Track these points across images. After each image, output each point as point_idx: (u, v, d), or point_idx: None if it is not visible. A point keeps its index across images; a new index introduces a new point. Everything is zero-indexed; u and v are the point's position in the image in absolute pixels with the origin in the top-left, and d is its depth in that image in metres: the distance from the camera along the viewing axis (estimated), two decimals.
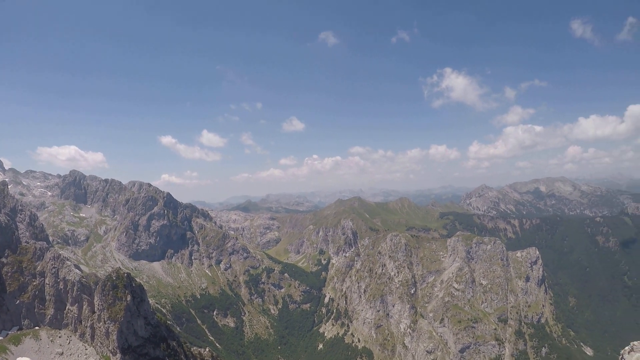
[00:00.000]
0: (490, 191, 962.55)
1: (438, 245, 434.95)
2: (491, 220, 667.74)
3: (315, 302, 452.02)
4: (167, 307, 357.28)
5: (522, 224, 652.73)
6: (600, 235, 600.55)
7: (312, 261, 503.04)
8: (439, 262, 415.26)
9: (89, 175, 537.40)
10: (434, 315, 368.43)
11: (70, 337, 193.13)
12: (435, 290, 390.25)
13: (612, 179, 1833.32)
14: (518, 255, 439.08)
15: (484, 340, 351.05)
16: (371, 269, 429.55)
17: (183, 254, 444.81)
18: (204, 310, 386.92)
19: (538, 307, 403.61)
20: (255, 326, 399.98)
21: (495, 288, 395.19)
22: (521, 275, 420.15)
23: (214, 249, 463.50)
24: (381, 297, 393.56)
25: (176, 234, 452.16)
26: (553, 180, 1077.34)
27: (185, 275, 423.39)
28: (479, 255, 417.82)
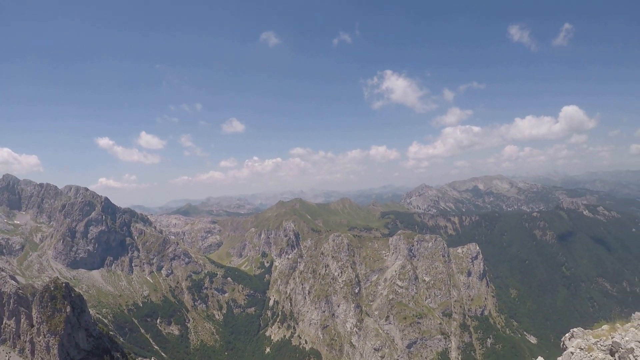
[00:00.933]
0: (430, 190, 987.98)
1: (380, 244, 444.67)
2: (432, 218, 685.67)
3: (260, 305, 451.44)
4: (109, 317, 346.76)
5: (462, 221, 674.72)
6: (537, 230, 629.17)
7: (255, 264, 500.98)
8: (382, 260, 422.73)
9: (23, 179, 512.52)
10: (380, 313, 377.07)
11: (9, 353, 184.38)
12: (379, 288, 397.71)
13: (548, 176, 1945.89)
14: (459, 251, 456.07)
15: (430, 335, 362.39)
16: (314, 270, 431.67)
17: (123, 260, 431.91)
18: (147, 319, 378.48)
19: (481, 300, 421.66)
20: (200, 333, 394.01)
21: (438, 284, 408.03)
22: (463, 270, 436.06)
23: (154, 255, 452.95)
24: (326, 298, 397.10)
25: (115, 240, 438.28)
26: (491, 178, 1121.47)
27: (126, 283, 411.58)
28: (420, 253, 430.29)
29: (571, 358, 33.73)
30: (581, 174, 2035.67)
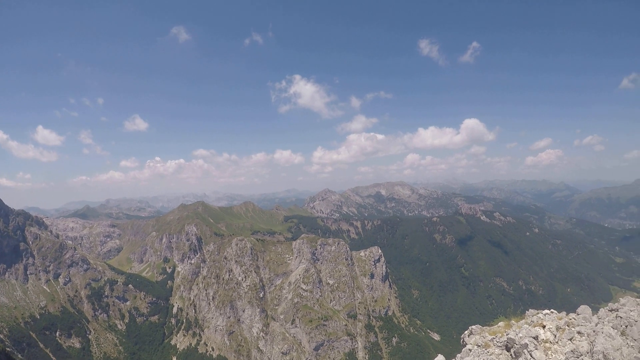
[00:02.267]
0: (334, 195, 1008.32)
1: (284, 248, 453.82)
2: (335, 222, 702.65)
3: (164, 313, 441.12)
4: (5, 331, 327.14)
5: (365, 225, 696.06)
6: (437, 234, 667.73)
7: (156, 270, 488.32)
8: (286, 264, 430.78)
9: None
10: (285, 317, 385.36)
11: None
12: (284, 292, 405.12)
13: (448, 183, 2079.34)
14: (362, 255, 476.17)
15: (337, 336, 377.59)
16: (218, 274, 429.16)
17: (17, 268, 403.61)
18: (46, 332, 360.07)
19: (384, 301, 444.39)
20: (103, 345, 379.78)
21: (342, 286, 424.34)
22: (366, 272, 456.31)
23: (51, 262, 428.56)
24: (231, 303, 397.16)
25: (8, 245, 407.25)
26: (393, 184, 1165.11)
27: (22, 293, 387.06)
28: (324, 256, 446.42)
29: (469, 354, 35.44)
30: (479, 182, 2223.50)
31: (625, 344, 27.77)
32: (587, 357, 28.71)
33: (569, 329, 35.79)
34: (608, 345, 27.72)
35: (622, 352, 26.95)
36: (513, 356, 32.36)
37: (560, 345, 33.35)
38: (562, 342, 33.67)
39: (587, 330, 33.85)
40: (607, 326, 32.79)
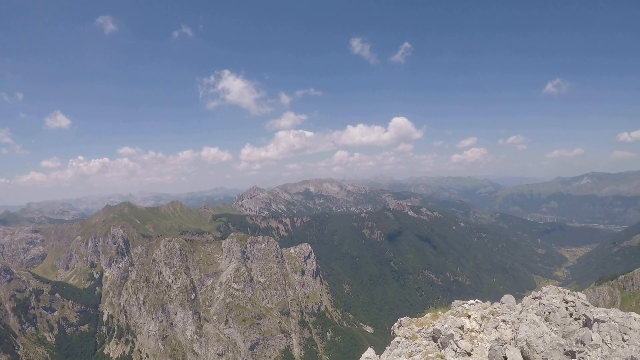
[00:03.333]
0: (262, 192, 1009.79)
1: (213, 247, 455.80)
2: (264, 220, 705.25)
3: (94, 321, 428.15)
4: None
5: (294, 222, 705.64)
6: (366, 229, 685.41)
7: (83, 276, 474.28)
8: (216, 264, 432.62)
9: None
10: (218, 318, 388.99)
11: None
12: (216, 292, 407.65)
13: (375, 180, 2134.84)
14: (292, 252, 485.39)
15: (271, 334, 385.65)
16: (147, 278, 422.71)
17: None
18: None
19: (316, 297, 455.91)
20: None
21: (273, 284, 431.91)
22: (297, 269, 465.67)
23: None
24: (162, 307, 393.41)
25: None
26: (321, 181, 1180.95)
27: None
28: (254, 255, 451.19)
29: (398, 346, 35.95)
30: (406, 179, 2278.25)
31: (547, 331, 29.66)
32: (511, 345, 29.81)
33: (493, 317, 37.12)
34: (531, 333, 29.33)
35: (545, 339, 28.64)
36: (440, 346, 32.83)
37: (486, 333, 34.45)
38: (487, 331, 34.83)
39: (512, 318, 35.44)
40: (531, 313, 34.75)
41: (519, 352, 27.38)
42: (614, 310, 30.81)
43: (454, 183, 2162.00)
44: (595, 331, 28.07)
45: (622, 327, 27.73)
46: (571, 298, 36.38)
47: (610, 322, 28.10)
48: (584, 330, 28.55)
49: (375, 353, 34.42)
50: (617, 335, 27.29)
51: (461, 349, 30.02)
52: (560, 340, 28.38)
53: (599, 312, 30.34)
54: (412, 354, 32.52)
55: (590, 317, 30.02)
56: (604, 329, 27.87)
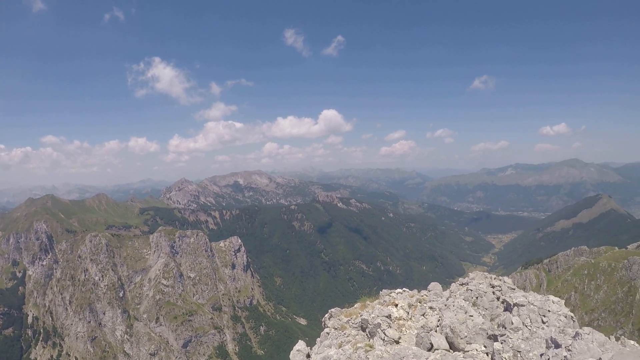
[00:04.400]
0: (190, 185, 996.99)
1: (141, 242, 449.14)
2: (192, 213, 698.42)
3: (19, 324, 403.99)
4: None
5: (223, 215, 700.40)
6: (296, 221, 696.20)
7: (5, 275, 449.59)
8: (144, 260, 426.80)
9: None
10: (149, 316, 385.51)
11: None
12: (145, 289, 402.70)
13: (305, 172, 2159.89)
14: (221, 245, 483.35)
15: (204, 331, 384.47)
16: (73, 276, 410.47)
17: None
18: None
19: (248, 291, 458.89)
20: None
21: (204, 279, 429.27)
22: (227, 263, 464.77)
23: None
24: (89, 306, 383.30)
25: None
26: (251, 173, 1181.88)
27: None
28: (183, 249, 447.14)
29: (328, 337, 36.33)
30: (336, 171, 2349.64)
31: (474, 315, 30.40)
32: (436, 331, 30.67)
33: (421, 305, 38.18)
34: (454, 319, 29.82)
35: (467, 324, 29.06)
36: (368, 336, 33.33)
37: (414, 321, 35.26)
38: (415, 319, 35.67)
39: (439, 305, 36.41)
40: (459, 299, 35.20)
41: (443, 337, 28.57)
42: (533, 294, 32.15)
43: (383, 175, 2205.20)
44: (516, 315, 29.09)
45: (541, 310, 28.95)
46: (497, 283, 37.80)
47: (529, 306, 29.28)
48: (505, 315, 29.79)
49: (306, 345, 35.23)
50: (537, 318, 28.48)
51: (389, 338, 31.03)
52: (483, 324, 29.49)
53: (518, 296, 31.40)
54: (342, 345, 33.12)
55: (510, 302, 30.99)
56: (524, 313, 28.96)
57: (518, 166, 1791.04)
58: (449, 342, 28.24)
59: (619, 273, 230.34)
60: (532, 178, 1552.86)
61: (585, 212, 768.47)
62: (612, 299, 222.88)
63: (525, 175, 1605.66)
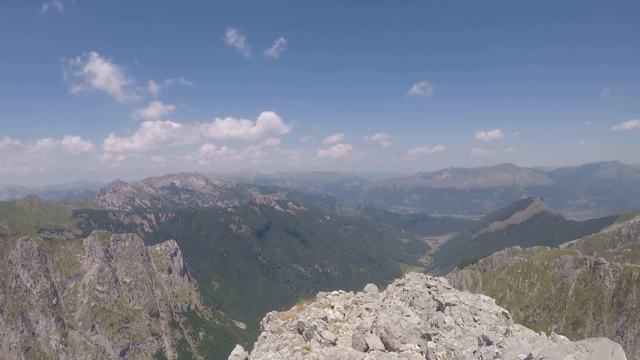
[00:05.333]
0: (125, 186, 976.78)
1: (74, 246, 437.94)
2: (127, 216, 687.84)
3: None
4: None
5: (159, 218, 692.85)
6: (233, 224, 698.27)
7: None
8: (78, 265, 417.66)
9: None
10: (84, 324, 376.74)
11: None
12: (79, 296, 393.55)
13: (242, 174, 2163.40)
14: (157, 249, 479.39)
15: (142, 338, 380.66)
16: (4, 282, 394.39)
17: None
18: None
19: (185, 295, 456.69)
20: None
21: (140, 284, 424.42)
22: (163, 267, 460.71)
23: None
24: (22, 315, 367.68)
25: None
26: (187, 175, 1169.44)
27: None
28: (118, 253, 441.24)
29: (265, 341, 36.94)
30: (273, 173, 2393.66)
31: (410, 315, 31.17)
32: (371, 332, 31.31)
33: (357, 306, 38.68)
34: (388, 320, 30.58)
35: (401, 324, 29.87)
36: (305, 338, 33.90)
37: (350, 322, 35.73)
38: (352, 320, 36.13)
39: (375, 306, 36.95)
40: (396, 299, 36.10)
41: (378, 338, 29.41)
42: (464, 294, 33.40)
43: (320, 178, 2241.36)
44: (448, 314, 29.90)
45: (472, 309, 30.02)
46: (433, 283, 38.83)
47: (461, 305, 30.32)
48: (437, 314, 30.58)
49: (244, 350, 35.62)
50: (469, 317, 29.44)
51: (325, 339, 31.86)
52: (417, 324, 30.17)
53: (450, 296, 32.36)
54: (280, 348, 33.79)
55: (442, 301, 32.05)
56: (456, 312, 29.83)
57: (453, 170, 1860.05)
58: (384, 342, 29.26)
59: (552, 271, 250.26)
60: (467, 182, 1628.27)
61: (518, 214, 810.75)
62: (545, 296, 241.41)
63: (460, 179, 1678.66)
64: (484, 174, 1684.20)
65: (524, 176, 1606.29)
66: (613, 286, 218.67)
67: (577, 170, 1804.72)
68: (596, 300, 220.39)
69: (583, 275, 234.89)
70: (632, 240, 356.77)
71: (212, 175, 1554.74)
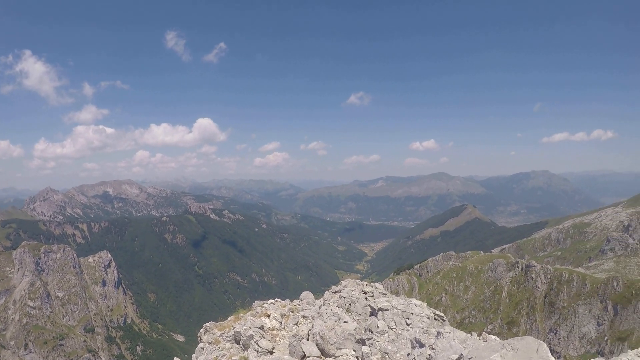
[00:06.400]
0: (56, 194, 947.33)
1: (3, 259, 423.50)
2: (58, 226, 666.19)
3: None
4: None
5: (91, 228, 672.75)
6: (168, 233, 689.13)
7: None
8: (8, 279, 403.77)
9: None
10: (16, 343, 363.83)
11: None
12: (10, 313, 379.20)
13: (177, 182, 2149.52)
14: (90, 261, 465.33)
15: (78, 355, 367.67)
16: None
17: None
18: None
19: (121, 309, 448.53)
20: None
21: (73, 298, 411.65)
22: (97, 280, 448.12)
23: None
24: None
25: None
26: (121, 182, 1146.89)
27: None
28: (49, 266, 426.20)
29: (202, 353, 37.09)
30: (209, 181, 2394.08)
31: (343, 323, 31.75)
32: (308, 339, 31.85)
33: (293, 314, 39.88)
34: (323, 327, 31.08)
35: (336, 330, 30.34)
36: (243, 348, 34.38)
37: (287, 330, 36.46)
38: (289, 328, 36.94)
39: (312, 313, 38.36)
40: (333, 306, 37.66)
41: (314, 345, 30.30)
42: (396, 299, 36.02)
43: (256, 186, 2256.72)
44: (381, 319, 31.46)
45: (404, 313, 31.93)
46: (369, 289, 40.70)
47: (393, 310, 32.17)
48: (371, 319, 31.80)
49: None
50: (401, 321, 31.17)
51: (262, 348, 32.32)
52: (353, 330, 30.65)
53: (382, 301, 34.26)
54: (217, 359, 34.48)
55: (375, 307, 33.91)
56: (389, 316, 31.60)
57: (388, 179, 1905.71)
58: (319, 348, 30.16)
59: (485, 274, 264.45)
60: (402, 190, 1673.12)
61: (452, 221, 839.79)
62: (480, 298, 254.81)
63: (395, 187, 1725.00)
64: (418, 182, 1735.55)
65: (457, 184, 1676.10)
66: (544, 287, 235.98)
67: (509, 179, 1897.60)
68: (529, 301, 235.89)
69: (516, 278, 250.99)
70: (562, 244, 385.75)
71: (146, 183, 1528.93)
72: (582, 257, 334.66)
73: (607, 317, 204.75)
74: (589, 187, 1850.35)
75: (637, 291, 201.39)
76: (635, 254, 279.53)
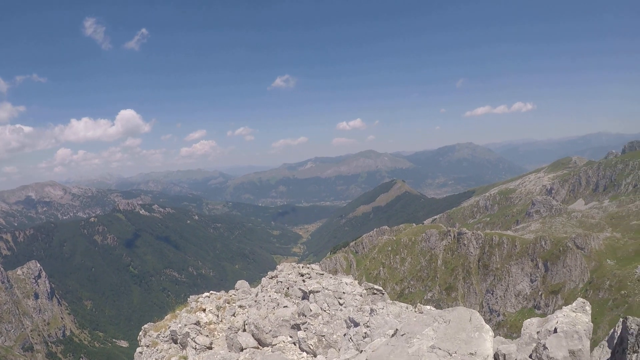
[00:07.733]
0: None
1: None
2: None
3: None
4: None
5: (16, 237, 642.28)
6: (97, 235, 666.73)
7: None
8: None
9: None
10: None
11: None
12: None
13: (102, 179, 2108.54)
14: (19, 273, 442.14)
15: None
16: None
17: None
18: None
19: (57, 321, 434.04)
20: None
21: (6, 316, 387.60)
22: (28, 293, 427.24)
23: None
24: None
25: None
26: (43, 185, 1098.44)
27: None
28: None
29: (142, 357, 35.64)
30: (135, 176, 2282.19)
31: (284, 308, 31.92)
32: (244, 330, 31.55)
33: (229, 306, 39.05)
34: (257, 316, 31.15)
35: (270, 318, 30.49)
36: (181, 347, 33.53)
37: (225, 323, 35.73)
38: (226, 320, 36.26)
39: (249, 302, 38.04)
40: (271, 292, 37.18)
41: (250, 335, 29.98)
42: (326, 279, 35.75)
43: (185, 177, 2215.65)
44: (313, 301, 31.46)
45: (336, 293, 32.04)
46: (306, 271, 40.25)
47: (324, 291, 32.22)
48: (303, 303, 31.52)
49: None
50: (334, 301, 31.24)
51: (200, 345, 31.80)
52: (285, 316, 30.67)
53: (312, 283, 34.33)
54: None
55: (306, 290, 33.93)
56: (320, 298, 31.60)
57: (317, 160, 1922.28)
58: (255, 339, 29.88)
59: (420, 245, 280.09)
60: (331, 170, 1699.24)
61: (382, 197, 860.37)
62: (417, 268, 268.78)
63: (324, 168, 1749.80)
64: (347, 161, 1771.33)
65: (386, 161, 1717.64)
66: (477, 252, 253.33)
67: (435, 152, 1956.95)
68: (464, 266, 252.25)
69: (449, 246, 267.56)
70: (490, 210, 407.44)
71: (70, 183, 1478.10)
72: (510, 221, 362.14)
73: (538, 273, 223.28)
74: (512, 156, 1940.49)
75: (564, 248, 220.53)
76: (559, 214, 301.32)
